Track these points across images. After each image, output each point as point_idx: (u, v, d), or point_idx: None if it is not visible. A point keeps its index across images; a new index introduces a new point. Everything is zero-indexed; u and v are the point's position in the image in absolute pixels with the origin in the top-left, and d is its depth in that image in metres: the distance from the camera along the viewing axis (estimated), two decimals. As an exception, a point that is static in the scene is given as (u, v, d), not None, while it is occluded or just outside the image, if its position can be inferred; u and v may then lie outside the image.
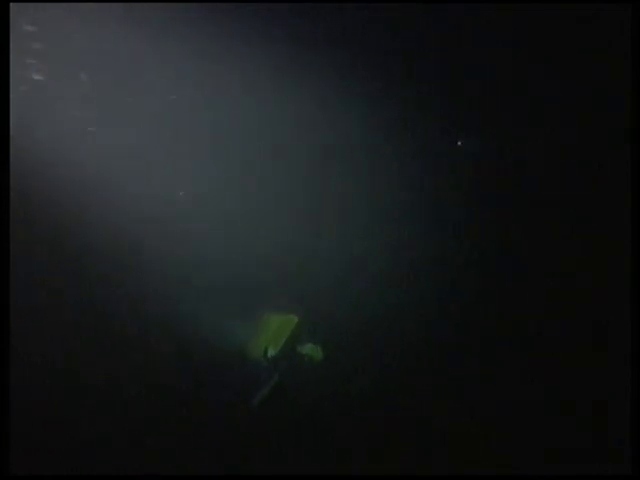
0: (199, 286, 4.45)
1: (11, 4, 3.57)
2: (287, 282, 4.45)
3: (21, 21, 4.02)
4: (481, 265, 4.49)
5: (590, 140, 4.33)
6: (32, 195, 4.17)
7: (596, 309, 4.12)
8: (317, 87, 4.44)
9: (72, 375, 4.10)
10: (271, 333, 4.11)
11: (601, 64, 4.23)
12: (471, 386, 4.14)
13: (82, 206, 4.33)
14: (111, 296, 4.38)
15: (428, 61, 4.53)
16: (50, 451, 3.79)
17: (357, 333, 4.39)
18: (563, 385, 4.04)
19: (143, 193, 4.44)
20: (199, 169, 4.62)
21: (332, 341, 4.16)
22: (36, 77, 4.19)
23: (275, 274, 4.49)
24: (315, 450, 4.07)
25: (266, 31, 4.42)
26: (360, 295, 4.48)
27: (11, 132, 3.49)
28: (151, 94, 4.47)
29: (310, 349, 4.10)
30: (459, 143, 4.54)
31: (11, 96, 3.49)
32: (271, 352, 4.03)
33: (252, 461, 4.05)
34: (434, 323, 4.37)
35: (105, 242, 4.35)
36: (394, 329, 4.40)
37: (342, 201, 4.70)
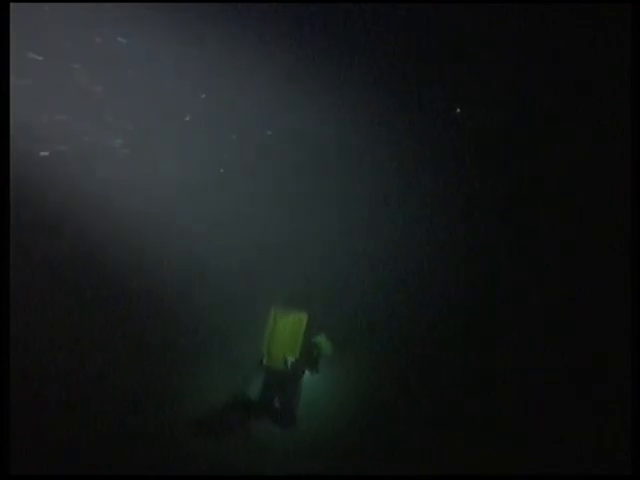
0: (203, 286, 4.47)
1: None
2: (291, 279, 4.43)
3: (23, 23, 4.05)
4: (481, 265, 4.49)
5: (590, 140, 4.33)
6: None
7: (596, 310, 4.12)
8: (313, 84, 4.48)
9: (72, 375, 4.11)
10: (285, 337, 3.97)
11: (601, 64, 4.24)
12: (472, 386, 4.14)
13: (84, 205, 4.38)
14: (116, 298, 4.41)
15: (426, 59, 4.55)
16: (50, 451, 3.79)
17: (362, 330, 4.38)
18: (563, 385, 4.05)
19: (145, 195, 4.48)
20: (199, 171, 4.64)
21: (340, 335, 4.15)
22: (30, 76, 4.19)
23: (279, 272, 4.49)
24: (319, 451, 4.05)
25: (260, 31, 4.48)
26: (363, 290, 4.49)
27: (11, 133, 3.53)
28: (151, 94, 4.50)
29: (322, 340, 4.06)
30: (458, 110, 4.48)
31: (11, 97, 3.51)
32: (290, 360, 3.96)
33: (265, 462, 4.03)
34: (434, 321, 4.37)
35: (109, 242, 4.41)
36: (396, 325, 4.41)
37: (342, 196, 4.72)
